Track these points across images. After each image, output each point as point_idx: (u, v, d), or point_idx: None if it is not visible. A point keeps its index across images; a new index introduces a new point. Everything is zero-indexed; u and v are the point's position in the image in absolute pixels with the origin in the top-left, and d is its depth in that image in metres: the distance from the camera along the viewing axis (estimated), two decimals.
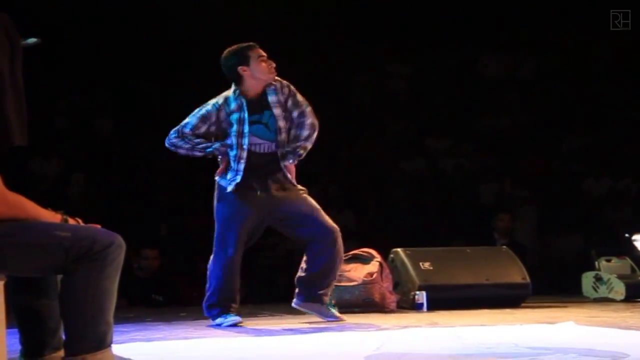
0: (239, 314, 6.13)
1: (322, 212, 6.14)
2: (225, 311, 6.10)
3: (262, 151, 6.12)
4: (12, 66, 3.17)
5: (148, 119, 12.65)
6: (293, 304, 6.23)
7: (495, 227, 10.17)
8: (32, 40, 3.48)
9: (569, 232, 11.35)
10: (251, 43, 6.14)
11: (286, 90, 6.15)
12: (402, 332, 5.17)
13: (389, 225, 11.39)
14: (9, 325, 3.19)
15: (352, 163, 12.14)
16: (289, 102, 6.13)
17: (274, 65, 6.11)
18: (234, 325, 6.00)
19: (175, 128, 6.28)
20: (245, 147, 6.08)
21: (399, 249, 7.50)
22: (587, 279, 8.29)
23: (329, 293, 6.19)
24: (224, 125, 6.16)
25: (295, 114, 6.15)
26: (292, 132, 6.16)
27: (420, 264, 7.31)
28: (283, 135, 6.11)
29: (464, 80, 13.75)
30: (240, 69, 6.08)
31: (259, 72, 6.06)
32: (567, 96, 13.29)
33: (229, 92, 6.17)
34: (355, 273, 7.10)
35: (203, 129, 6.22)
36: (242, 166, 6.11)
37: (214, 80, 6.52)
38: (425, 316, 6.54)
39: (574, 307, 7.12)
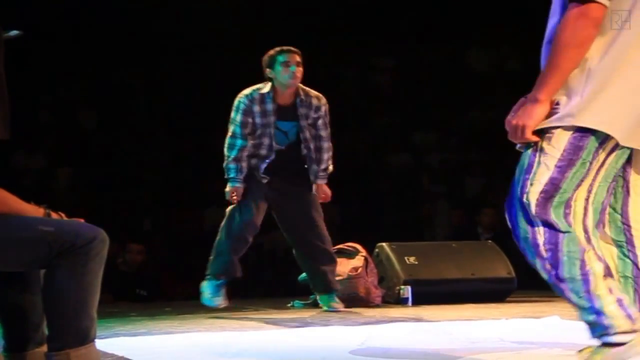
0: None
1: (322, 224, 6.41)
2: None
3: (277, 156, 6.34)
4: None
5: (132, 112, 12.61)
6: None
7: (480, 222, 10.17)
8: (14, 32, 3.44)
9: None
10: (285, 47, 6.34)
11: (321, 111, 6.40)
12: (387, 327, 5.16)
13: (374, 219, 11.38)
14: None
15: (337, 157, 12.11)
16: (320, 122, 6.39)
17: (294, 71, 6.25)
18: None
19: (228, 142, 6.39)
20: (265, 147, 6.31)
21: (384, 244, 7.49)
22: None
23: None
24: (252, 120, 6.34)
25: (323, 134, 6.43)
26: (313, 145, 6.40)
27: (406, 258, 7.30)
28: (300, 145, 6.36)
29: (450, 73, 13.74)
30: (267, 71, 6.31)
31: (280, 76, 6.26)
32: None
33: (263, 87, 6.32)
34: (340, 267, 7.08)
35: (249, 126, 6.33)
36: (263, 166, 6.33)
37: (197, 71, 6.51)
38: (410, 311, 6.54)
39: (559, 302, 7.05)
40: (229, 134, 6.36)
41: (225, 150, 6.37)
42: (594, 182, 3.12)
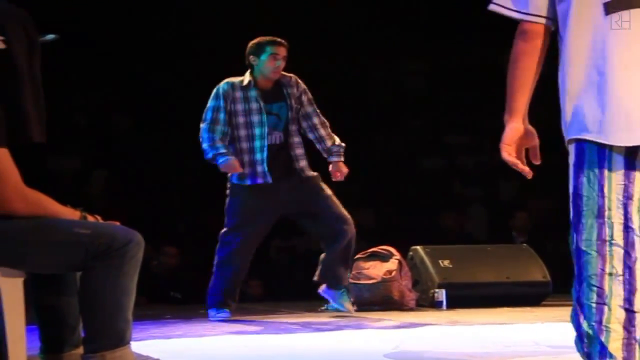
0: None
1: (335, 202, 6.19)
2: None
3: (273, 142, 6.15)
4: (31, 63, 3.17)
5: (167, 115, 12.66)
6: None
7: (514, 225, 10.13)
8: (50, 36, 3.46)
9: None
10: (277, 39, 6.21)
11: (301, 87, 6.26)
12: (421, 330, 5.16)
13: (407, 222, 11.35)
14: (28, 322, 3.18)
15: (371, 160, 12.11)
16: (304, 97, 6.24)
17: (279, 65, 6.16)
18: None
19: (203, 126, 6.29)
20: (257, 137, 6.12)
21: (418, 247, 7.47)
22: None
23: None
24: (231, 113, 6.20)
25: (310, 110, 6.27)
26: (305, 124, 6.26)
27: (440, 261, 7.28)
28: (294, 127, 6.18)
29: (483, 76, 13.69)
30: (251, 57, 6.19)
31: (264, 66, 6.15)
32: None
33: (236, 79, 6.22)
34: (374, 271, 7.08)
35: (221, 117, 6.22)
36: (254, 157, 6.14)
37: (231, 75, 6.51)
38: (444, 314, 6.52)
39: None
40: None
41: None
42: None
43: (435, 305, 7.02)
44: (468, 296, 7.07)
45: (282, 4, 12.45)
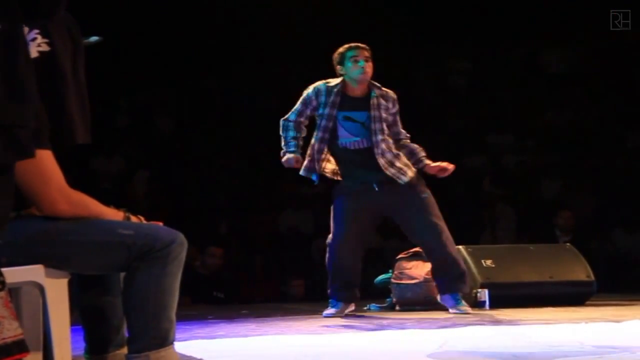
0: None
1: (430, 215, 6.38)
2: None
3: (354, 147, 6.35)
4: (75, 65, 3.19)
5: (209, 117, 12.71)
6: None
7: (557, 224, 10.06)
8: (94, 38, 3.49)
9: (635, 228, 11.18)
10: (353, 44, 6.41)
11: (396, 104, 6.46)
12: (465, 330, 5.13)
13: (450, 222, 11.30)
14: (73, 323, 3.20)
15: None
16: (393, 111, 6.44)
17: (363, 66, 6.32)
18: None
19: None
20: (326, 142, 6.37)
21: (460, 247, 7.42)
22: None
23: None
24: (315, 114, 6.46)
25: (398, 128, 6.51)
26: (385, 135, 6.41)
27: (482, 261, 7.24)
28: (379, 137, 6.31)
29: (526, 75, 13.61)
30: (338, 68, 6.42)
31: (350, 71, 6.35)
32: (632, 91, 13.10)
33: (330, 82, 6.42)
34: (417, 271, 7.07)
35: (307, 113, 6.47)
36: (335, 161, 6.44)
37: (275, 76, 6.54)
38: (487, 314, 6.48)
39: None
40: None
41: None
42: None
43: (478, 305, 6.98)
44: (511, 296, 7.03)
45: (326, 3, 12.47)
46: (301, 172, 6.48)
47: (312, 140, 6.42)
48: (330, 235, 6.45)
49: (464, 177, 12.09)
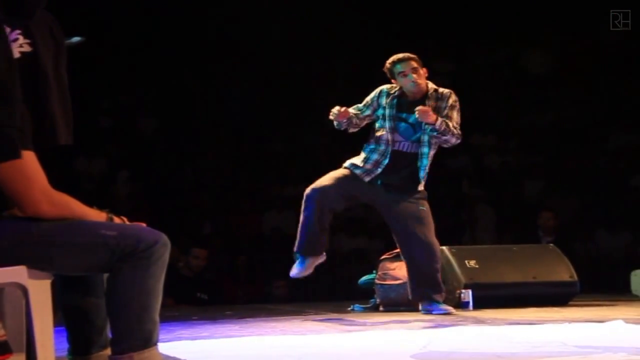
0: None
1: (427, 231, 6.48)
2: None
3: (403, 150, 6.45)
4: (56, 65, 3.18)
5: (191, 117, 12.69)
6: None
7: (540, 225, 10.08)
8: (76, 39, 3.49)
9: (617, 229, 11.23)
10: (397, 57, 6.61)
11: (450, 102, 6.57)
12: (448, 331, 5.13)
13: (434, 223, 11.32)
14: (56, 324, 3.19)
15: None
16: (446, 110, 6.51)
17: (412, 79, 6.47)
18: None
19: None
20: (390, 143, 6.43)
21: (444, 247, 7.43)
22: (637, 277, 8.18)
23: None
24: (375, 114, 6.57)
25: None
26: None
27: (466, 262, 7.26)
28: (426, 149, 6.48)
29: (508, 76, 13.65)
30: (393, 81, 6.60)
31: (403, 85, 6.52)
32: (614, 92, 13.16)
33: (391, 85, 6.59)
34: (400, 271, 7.07)
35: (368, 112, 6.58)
36: (385, 162, 6.44)
37: (258, 78, 6.53)
38: (471, 315, 6.49)
39: (623, 306, 7.03)
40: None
41: None
42: None
43: (462, 305, 7.00)
44: (494, 296, 7.04)
45: (307, 4, 12.47)
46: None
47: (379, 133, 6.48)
48: (312, 186, 6.45)
49: (447, 177, 12.13)
